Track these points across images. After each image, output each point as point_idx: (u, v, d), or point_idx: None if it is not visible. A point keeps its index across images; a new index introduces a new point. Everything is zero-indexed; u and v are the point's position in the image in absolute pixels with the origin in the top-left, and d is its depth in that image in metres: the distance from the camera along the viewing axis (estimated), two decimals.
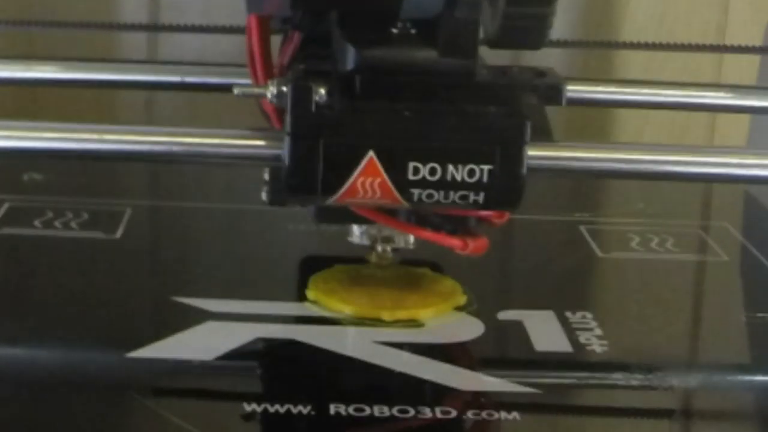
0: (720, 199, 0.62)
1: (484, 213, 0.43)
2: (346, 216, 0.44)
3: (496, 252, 0.44)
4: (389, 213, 0.44)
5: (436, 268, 0.48)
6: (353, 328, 0.44)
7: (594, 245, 0.54)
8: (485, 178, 0.40)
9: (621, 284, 0.52)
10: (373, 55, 0.41)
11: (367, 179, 0.40)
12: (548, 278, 0.51)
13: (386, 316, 0.44)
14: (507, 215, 0.44)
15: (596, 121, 0.72)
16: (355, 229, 0.46)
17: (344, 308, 0.45)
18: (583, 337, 0.44)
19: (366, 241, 0.46)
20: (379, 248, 0.46)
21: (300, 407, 0.38)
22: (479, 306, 0.46)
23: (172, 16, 0.70)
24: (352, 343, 0.43)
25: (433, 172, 0.40)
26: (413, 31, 0.42)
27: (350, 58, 0.41)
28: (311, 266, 0.48)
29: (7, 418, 0.37)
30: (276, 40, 0.46)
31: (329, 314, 0.45)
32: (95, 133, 0.42)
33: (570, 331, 0.44)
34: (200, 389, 0.40)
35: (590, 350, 0.43)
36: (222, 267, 0.50)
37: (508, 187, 0.40)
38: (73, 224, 0.53)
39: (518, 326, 0.45)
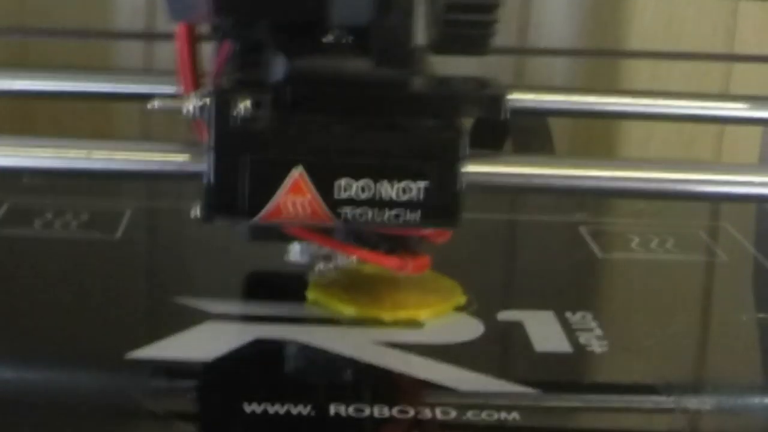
0: None
1: (422, 231, 0.42)
2: (281, 234, 0.42)
3: (496, 252, 0.44)
4: (324, 231, 0.42)
5: (436, 268, 0.48)
6: (353, 329, 0.44)
7: (594, 246, 0.54)
8: (420, 196, 0.39)
9: (621, 285, 0.52)
10: (303, 65, 0.39)
11: (296, 197, 0.38)
12: (548, 279, 0.51)
13: (386, 316, 0.44)
14: (448, 233, 0.43)
15: (600, 132, 0.71)
16: (294, 246, 0.44)
17: (344, 309, 0.45)
18: (583, 338, 0.44)
19: (307, 259, 0.45)
20: (320, 266, 0.45)
21: (300, 407, 0.38)
22: (479, 306, 0.46)
23: (169, 23, 0.69)
24: (352, 343, 0.43)
25: (364, 189, 0.38)
26: (348, 40, 0.40)
27: (279, 67, 0.39)
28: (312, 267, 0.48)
29: (7, 418, 0.37)
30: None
31: (329, 314, 0.45)
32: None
33: (570, 331, 0.44)
34: (200, 389, 0.40)
35: (590, 351, 0.43)
36: (222, 267, 0.50)
37: (444, 204, 0.39)
38: (72, 225, 0.53)
39: (518, 327, 0.45)
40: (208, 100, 0.38)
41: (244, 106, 0.38)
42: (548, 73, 0.45)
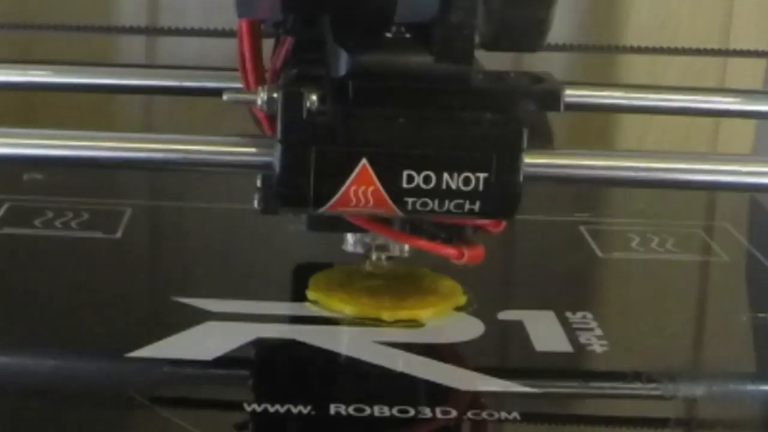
0: (720, 200, 0.62)
1: (480, 221, 0.42)
2: (340, 224, 0.43)
3: (496, 252, 0.44)
4: (383, 222, 0.43)
5: (436, 268, 0.48)
6: (353, 328, 0.44)
7: (594, 245, 0.54)
8: (481, 187, 0.39)
9: (621, 284, 0.52)
10: (366, 60, 0.40)
11: (360, 188, 0.39)
12: (548, 278, 0.51)
13: (386, 316, 0.44)
14: (504, 224, 0.43)
15: (598, 126, 0.72)
16: (349, 237, 0.45)
17: (344, 308, 0.45)
18: (583, 337, 0.44)
19: (360, 250, 0.45)
20: (374, 257, 0.45)
21: (300, 407, 0.38)
22: (479, 306, 0.46)
23: (172, 19, 0.70)
24: (353, 343, 0.43)
25: (427, 180, 0.39)
26: (407, 36, 0.41)
27: (343, 63, 0.40)
28: (311, 266, 0.48)
29: (7, 418, 0.37)
30: (269, 45, 0.45)
31: (329, 314, 0.45)
32: (77, 140, 0.41)
33: (570, 331, 0.44)
34: (200, 389, 0.40)
35: (590, 350, 0.43)
36: (222, 267, 0.50)
37: (504, 195, 0.40)
38: (73, 224, 0.53)
39: (518, 326, 0.45)
40: (276, 94, 0.39)
41: (311, 99, 0.39)
42: (546, 68, 0.45)
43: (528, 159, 0.40)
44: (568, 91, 0.46)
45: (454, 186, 0.39)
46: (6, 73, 0.51)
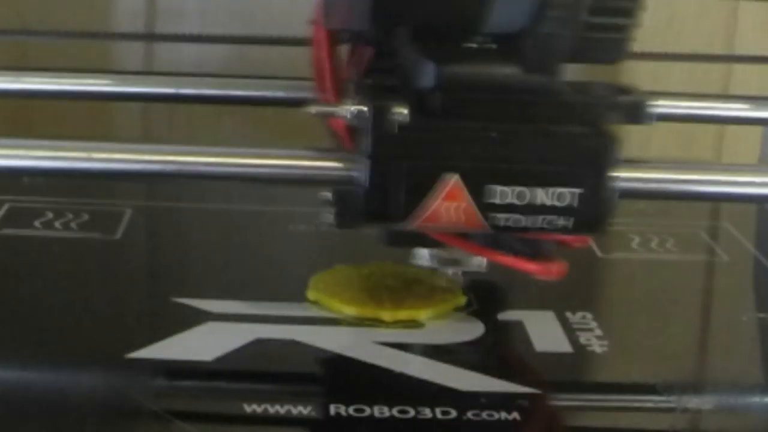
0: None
1: (566, 237, 0.42)
2: (418, 239, 0.43)
3: None
4: (465, 236, 0.42)
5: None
6: (354, 329, 0.44)
7: (594, 245, 0.54)
8: (576, 203, 0.39)
9: (621, 285, 0.52)
10: (453, 71, 0.39)
11: (451, 204, 0.38)
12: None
13: (386, 316, 0.44)
14: (587, 239, 0.43)
15: None
16: (424, 252, 0.44)
17: (345, 309, 0.45)
18: (583, 338, 0.44)
19: (436, 265, 0.44)
20: (450, 271, 0.45)
21: (300, 408, 0.38)
22: (479, 306, 0.46)
23: (169, 24, 0.69)
24: (353, 343, 0.43)
25: (520, 196, 0.38)
26: (493, 46, 0.40)
27: (428, 74, 0.39)
28: (312, 266, 0.48)
29: (7, 418, 0.37)
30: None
31: (330, 315, 0.45)
32: (91, 152, 0.40)
33: (570, 331, 0.44)
34: (200, 390, 0.40)
35: (590, 350, 0.43)
36: (222, 268, 0.50)
37: (596, 211, 0.39)
38: (73, 225, 0.53)
39: (518, 327, 0.45)
40: (364, 108, 0.38)
41: (401, 113, 0.38)
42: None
43: (621, 173, 0.39)
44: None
45: (546, 202, 0.39)
46: (1, 81, 0.51)
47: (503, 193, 0.38)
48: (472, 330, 0.44)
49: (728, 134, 0.73)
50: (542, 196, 0.38)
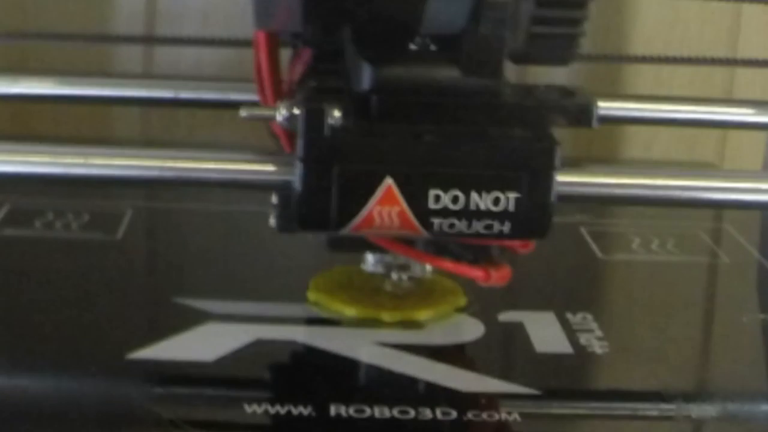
0: None
1: (508, 242, 0.41)
2: (362, 244, 0.42)
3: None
4: (406, 242, 0.42)
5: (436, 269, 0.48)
6: (354, 330, 0.44)
7: (594, 246, 0.54)
8: (511, 207, 0.38)
9: (621, 286, 0.52)
10: (390, 74, 0.38)
11: (385, 208, 0.38)
12: (549, 279, 0.51)
13: (387, 317, 0.44)
14: (532, 244, 0.42)
15: (603, 136, 0.71)
16: (370, 257, 0.44)
17: (345, 309, 0.45)
18: (583, 339, 0.44)
19: (381, 270, 0.44)
20: (395, 277, 0.45)
21: (300, 408, 0.38)
22: (480, 307, 0.46)
23: (169, 27, 0.69)
24: (353, 344, 0.43)
25: (455, 200, 0.38)
26: (433, 48, 0.40)
27: (366, 76, 0.38)
28: (312, 267, 0.48)
29: (7, 419, 0.37)
30: (284, 54, 0.44)
31: (330, 315, 0.45)
32: (81, 157, 0.40)
33: (570, 332, 0.44)
34: (200, 390, 0.40)
35: (591, 352, 0.43)
36: (222, 268, 0.50)
37: (536, 215, 0.38)
38: (73, 225, 0.53)
39: (519, 327, 0.45)
40: (297, 110, 0.38)
41: (334, 116, 0.37)
42: (550, 78, 0.44)
43: (560, 177, 0.39)
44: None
45: (483, 206, 0.38)
46: (1, 83, 0.51)
47: (437, 197, 0.38)
48: (473, 330, 0.44)
49: (731, 139, 0.73)
50: (478, 200, 0.38)
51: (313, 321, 0.44)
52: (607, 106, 0.47)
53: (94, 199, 0.56)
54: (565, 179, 0.39)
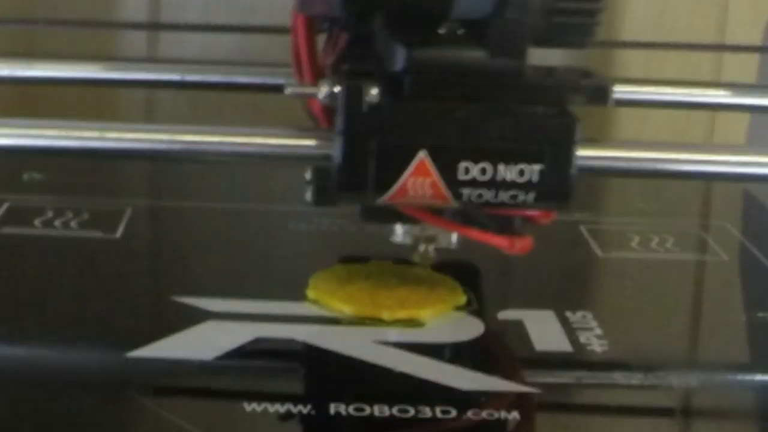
0: (720, 199, 0.62)
1: (530, 212, 0.43)
2: (393, 215, 0.44)
3: (496, 251, 0.44)
4: (436, 212, 0.44)
5: (436, 267, 0.48)
6: (353, 328, 0.44)
7: (594, 245, 0.54)
8: (535, 178, 0.41)
9: (621, 284, 0.52)
10: (422, 55, 0.41)
11: (418, 179, 0.41)
12: (548, 278, 0.51)
13: (386, 315, 0.44)
14: (553, 215, 0.44)
15: (596, 120, 0.72)
16: (398, 228, 0.46)
17: (344, 308, 0.45)
18: (583, 337, 0.44)
19: (409, 241, 0.46)
20: (422, 248, 0.46)
21: (300, 407, 0.38)
22: (479, 306, 0.46)
23: (173, 14, 0.70)
24: (353, 342, 0.43)
25: (483, 172, 0.41)
26: (460, 32, 0.42)
27: (399, 58, 0.41)
28: (312, 266, 0.48)
29: (7, 418, 0.37)
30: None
31: (329, 314, 0.45)
32: (129, 132, 0.42)
33: (570, 330, 0.44)
34: (200, 389, 0.40)
35: (590, 350, 0.43)
36: (222, 266, 0.50)
37: (557, 186, 0.41)
38: (73, 224, 0.53)
39: (518, 326, 0.45)
40: (337, 88, 0.40)
41: (372, 93, 0.40)
42: (542, 62, 0.45)
43: (582, 151, 0.41)
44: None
45: (509, 177, 0.41)
46: (9, 68, 0.52)
47: (467, 169, 0.41)
48: (472, 329, 0.44)
49: (719, 125, 0.73)
50: (504, 171, 0.41)
51: (312, 319, 0.44)
52: (620, 90, 0.50)
53: (93, 198, 0.56)
54: (584, 153, 0.42)
